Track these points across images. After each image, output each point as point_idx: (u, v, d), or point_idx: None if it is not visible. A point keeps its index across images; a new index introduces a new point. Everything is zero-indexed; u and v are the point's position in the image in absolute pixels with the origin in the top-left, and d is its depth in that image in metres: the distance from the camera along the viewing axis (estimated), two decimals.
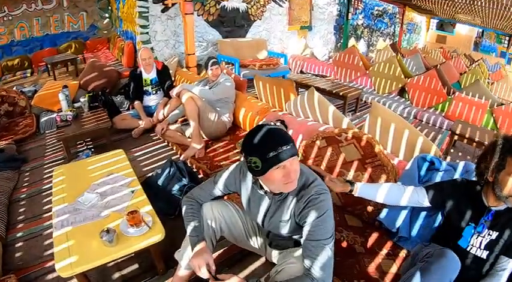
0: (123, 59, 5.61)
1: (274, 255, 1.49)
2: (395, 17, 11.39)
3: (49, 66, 5.73)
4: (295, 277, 1.11)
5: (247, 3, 6.09)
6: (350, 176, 1.94)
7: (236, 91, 3.16)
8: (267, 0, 6.45)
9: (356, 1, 8.24)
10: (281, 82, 3.08)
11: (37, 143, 3.33)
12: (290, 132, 2.42)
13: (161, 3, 5.13)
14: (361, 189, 1.53)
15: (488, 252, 1.29)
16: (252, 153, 1.11)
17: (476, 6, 6.80)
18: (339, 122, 2.28)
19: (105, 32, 7.37)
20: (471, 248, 1.32)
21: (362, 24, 9.74)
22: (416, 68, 6.53)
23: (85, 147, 3.06)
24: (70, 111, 3.03)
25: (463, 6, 7.56)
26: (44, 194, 2.40)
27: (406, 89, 5.15)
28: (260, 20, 6.47)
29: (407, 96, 5.17)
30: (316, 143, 2.12)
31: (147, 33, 5.17)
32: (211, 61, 2.95)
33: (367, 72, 5.63)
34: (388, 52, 7.43)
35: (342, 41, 8.87)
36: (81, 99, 3.14)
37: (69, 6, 6.80)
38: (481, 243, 1.30)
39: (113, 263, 1.55)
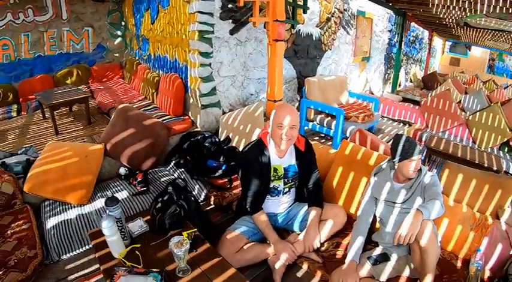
0: (162, 101, 3.88)
1: None
2: (422, 42, 10.62)
3: (44, 106, 3.94)
4: None
5: (320, 28, 4.71)
6: None
7: None
8: (337, 26, 5.12)
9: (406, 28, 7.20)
10: (499, 180, 1.88)
11: None
12: None
13: (231, 20, 3.43)
14: None
15: None
16: None
17: None
18: None
19: (117, 55, 5.61)
20: None
21: (403, 52, 8.72)
22: (480, 107, 5.52)
23: None
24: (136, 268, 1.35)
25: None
26: None
27: (511, 143, 4.26)
28: (330, 50, 5.09)
29: (505, 150, 4.30)
30: None
31: (209, 65, 3.38)
32: (417, 147, 1.60)
33: (466, 121, 4.52)
34: (448, 87, 6.40)
35: (389, 73, 7.78)
36: (177, 251, 1.29)
37: (70, 20, 4.99)
38: None
39: None
